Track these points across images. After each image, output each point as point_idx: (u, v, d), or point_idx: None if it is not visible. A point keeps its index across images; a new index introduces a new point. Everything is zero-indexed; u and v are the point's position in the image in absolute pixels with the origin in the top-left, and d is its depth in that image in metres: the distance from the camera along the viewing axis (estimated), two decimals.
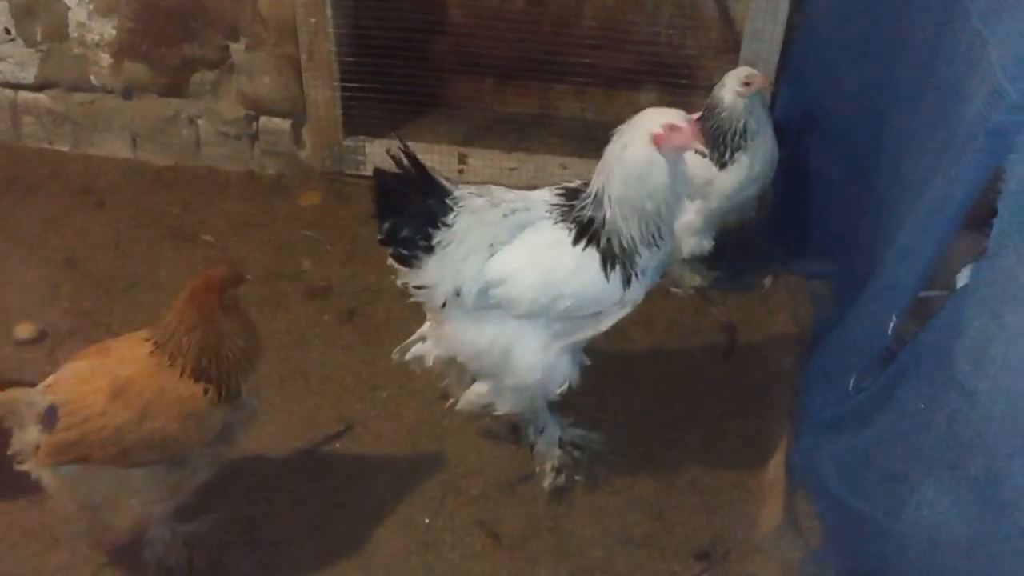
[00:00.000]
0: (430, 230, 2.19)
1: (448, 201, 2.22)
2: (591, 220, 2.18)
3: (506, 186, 2.37)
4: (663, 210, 2.15)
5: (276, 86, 3.50)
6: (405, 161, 2.21)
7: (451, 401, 2.58)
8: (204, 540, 2.35)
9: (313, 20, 3.31)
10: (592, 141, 3.40)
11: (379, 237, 2.23)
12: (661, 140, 2.10)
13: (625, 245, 2.16)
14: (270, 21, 3.36)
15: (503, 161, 3.51)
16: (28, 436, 2.04)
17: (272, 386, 2.73)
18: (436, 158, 3.42)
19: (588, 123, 3.66)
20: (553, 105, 3.74)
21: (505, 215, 2.23)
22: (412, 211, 2.20)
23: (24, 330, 2.88)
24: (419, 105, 3.60)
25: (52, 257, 3.22)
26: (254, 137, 3.61)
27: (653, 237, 2.16)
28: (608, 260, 2.17)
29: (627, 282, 2.18)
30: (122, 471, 2.07)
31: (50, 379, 2.10)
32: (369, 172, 3.56)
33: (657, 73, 3.47)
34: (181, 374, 2.06)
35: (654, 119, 2.12)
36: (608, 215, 2.16)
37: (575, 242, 2.18)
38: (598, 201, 2.18)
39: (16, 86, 3.59)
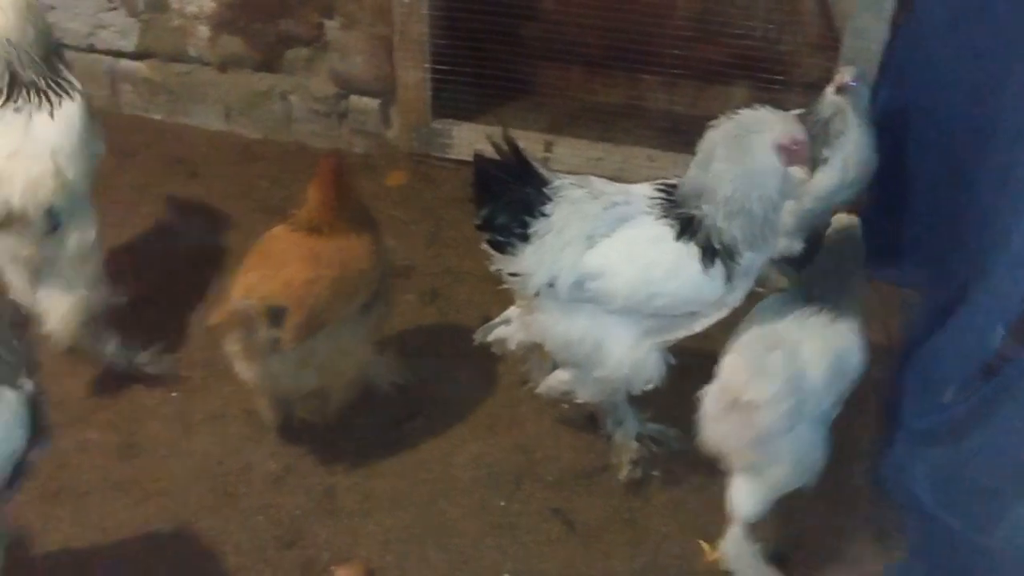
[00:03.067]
0: (527, 219, 2.20)
1: (547, 191, 2.22)
2: (693, 217, 2.17)
3: (592, 176, 2.37)
4: (770, 213, 2.12)
5: (368, 65, 3.53)
6: (506, 148, 2.22)
7: (530, 385, 2.60)
8: None
9: (407, 1, 3.33)
10: (680, 135, 3.39)
11: (476, 222, 2.25)
12: (785, 152, 2.09)
13: (728, 244, 2.14)
14: (366, 1, 3.39)
15: (589, 151, 3.49)
16: (260, 336, 2.23)
17: None
18: (522, 144, 3.39)
19: (677, 116, 3.62)
20: (641, 96, 3.70)
21: (605, 208, 2.22)
22: (510, 199, 2.21)
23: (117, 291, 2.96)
24: (507, 90, 3.60)
25: (144, 223, 3.31)
26: (343, 115, 3.65)
27: (757, 238, 2.14)
28: (709, 258, 2.15)
29: (728, 280, 2.16)
30: (338, 331, 2.34)
31: (241, 293, 2.27)
32: (456, 155, 3.63)
33: (750, 68, 3.42)
34: (341, 233, 2.38)
35: (779, 128, 2.10)
36: (711, 213, 2.14)
37: (677, 238, 2.16)
38: (701, 198, 2.16)
39: (117, 54, 3.68)
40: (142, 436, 2.60)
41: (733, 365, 2.13)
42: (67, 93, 2.47)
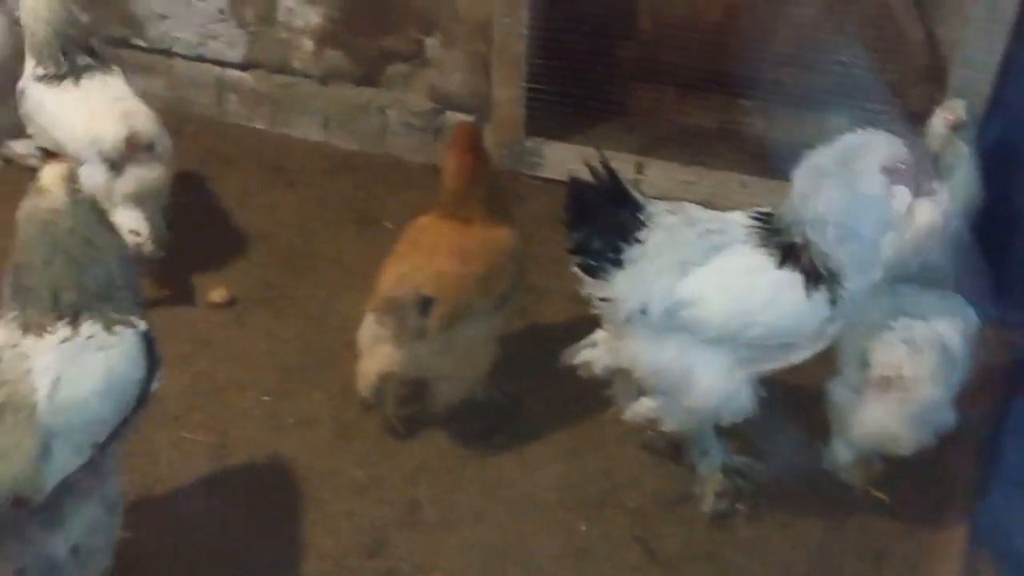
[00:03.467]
0: (621, 244, 2.20)
1: (641, 216, 2.22)
2: (795, 244, 2.14)
3: (683, 200, 2.36)
4: (879, 237, 2.09)
5: (464, 82, 3.58)
6: (602, 172, 2.23)
7: (615, 409, 2.59)
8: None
9: (507, 20, 3.37)
10: (775, 162, 3.34)
11: (568, 246, 2.26)
12: (892, 174, 2.05)
13: (834, 270, 2.11)
14: (466, 19, 3.45)
15: (681, 174, 3.47)
16: (410, 323, 2.37)
17: None
18: (613, 165, 3.42)
19: (772, 143, 3.57)
20: (736, 121, 3.66)
21: (699, 235, 2.21)
22: (604, 223, 2.22)
23: (217, 294, 3.07)
24: (600, 110, 3.61)
25: (245, 228, 3.41)
26: (438, 130, 3.71)
27: (865, 263, 2.11)
28: (813, 285, 2.12)
29: (832, 306, 2.12)
30: (477, 322, 2.46)
31: (393, 281, 2.42)
32: (546, 174, 3.65)
33: (852, 97, 3.35)
34: (483, 224, 2.51)
35: (886, 150, 2.07)
36: (817, 238, 2.11)
37: (778, 266, 2.14)
38: (805, 223, 2.13)
39: (224, 64, 3.82)
40: (234, 437, 2.67)
41: (885, 345, 2.25)
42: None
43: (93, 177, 2.77)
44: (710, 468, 2.47)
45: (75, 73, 2.96)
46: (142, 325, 1.99)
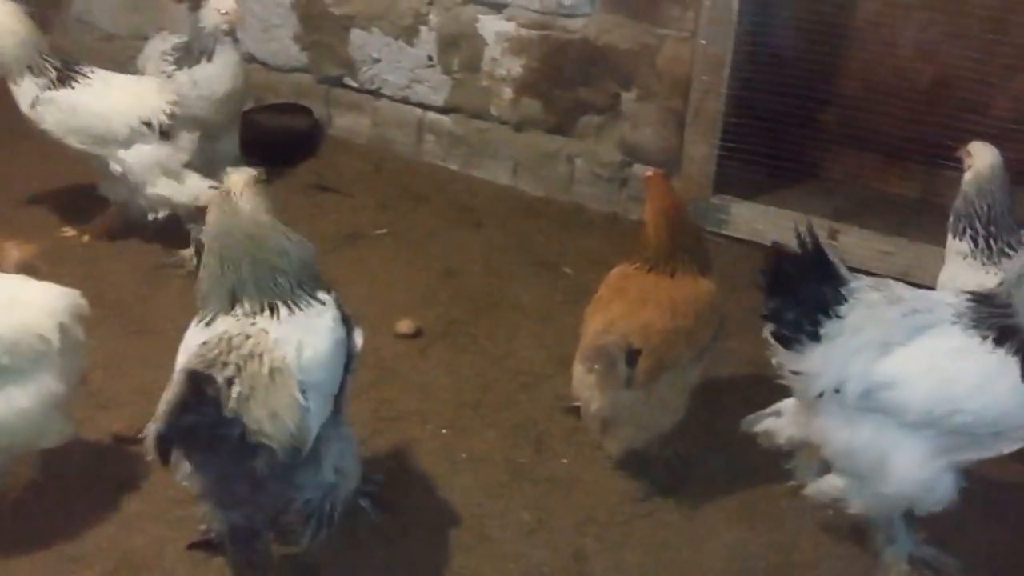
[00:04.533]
0: (820, 317, 2.14)
1: (843, 291, 2.16)
2: (1012, 326, 2.02)
3: (878, 272, 2.28)
4: None
5: (656, 137, 3.62)
6: (807, 242, 2.18)
7: (795, 483, 2.50)
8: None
9: (707, 79, 3.39)
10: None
11: (764, 314, 2.22)
12: None
13: None
14: (665, 76, 3.49)
15: (878, 243, 3.35)
16: (618, 372, 2.41)
17: None
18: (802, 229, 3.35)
19: None
20: (940, 192, 3.50)
21: (904, 314, 2.12)
22: (804, 294, 2.16)
23: (404, 325, 3.20)
24: (794, 173, 3.55)
25: (433, 265, 3.56)
26: (624, 182, 3.76)
27: None
28: None
29: None
30: (677, 374, 2.50)
31: (601, 326, 2.47)
32: (731, 232, 3.61)
33: None
34: (687, 274, 2.55)
35: None
36: None
37: (992, 349, 2.03)
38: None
39: (426, 107, 4.02)
40: (410, 465, 2.76)
41: None
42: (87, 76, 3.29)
43: (148, 153, 3.22)
44: (896, 557, 2.34)
45: (69, 77, 3.24)
46: (331, 295, 2.23)
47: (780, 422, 2.44)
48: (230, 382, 1.88)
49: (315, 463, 2.09)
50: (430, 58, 3.88)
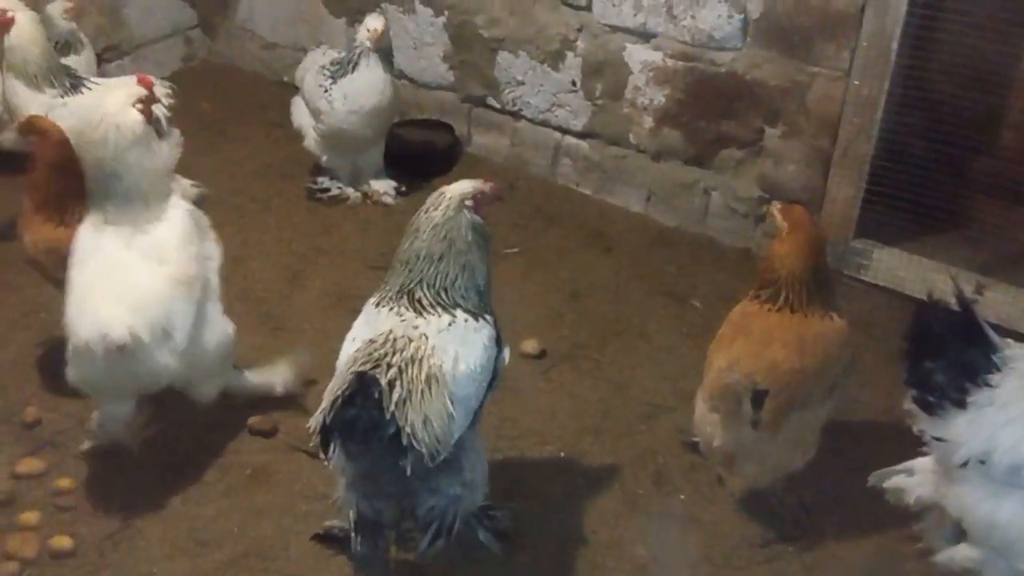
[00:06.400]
0: (967, 384, 2.06)
1: (995, 358, 2.07)
2: None
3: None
4: None
5: (798, 175, 3.54)
6: (957, 304, 2.11)
7: (921, 546, 2.40)
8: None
9: (857, 120, 3.30)
10: None
11: (905, 376, 2.15)
12: None
13: None
14: (813, 114, 3.42)
15: None
16: (743, 412, 2.39)
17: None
18: (948, 283, 3.21)
19: None
20: None
21: None
22: (952, 359, 2.09)
23: (530, 345, 3.24)
24: (940, 220, 3.41)
25: (561, 287, 3.58)
26: (760, 218, 3.69)
27: None
28: None
29: None
30: (805, 414, 2.43)
31: (725, 364, 2.42)
32: (870, 278, 3.50)
33: None
34: (815, 312, 2.45)
35: None
36: None
37: None
38: None
39: (564, 131, 4.06)
40: (526, 486, 2.77)
41: None
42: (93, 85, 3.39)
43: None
44: None
45: (80, 85, 3.33)
46: (491, 317, 2.33)
47: (912, 481, 2.35)
48: (391, 385, 2.00)
49: (452, 470, 2.19)
50: (573, 83, 3.92)
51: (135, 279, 2.50)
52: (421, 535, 2.27)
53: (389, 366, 2.05)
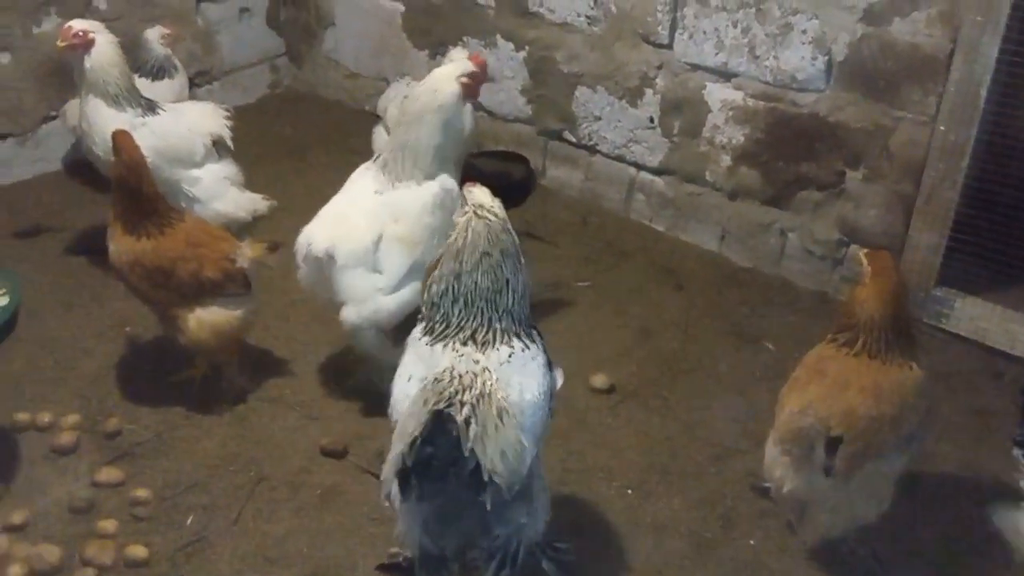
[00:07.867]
0: None
1: None
2: None
3: None
4: None
5: (879, 220, 3.49)
6: None
7: None
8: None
9: (942, 166, 3.24)
10: None
11: (1015, 438, 2.10)
12: None
13: None
14: (897, 158, 3.37)
15: None
16: (816, 458, 2.36)
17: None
18: None
19: None
20: None
21: None
22: None
23: (599, 380, 3.23)
24: None
25: (631, 322, 3.57)
26: (838, 261, 3.64)
27: None
28: None
29: None
30: (880, 462, 2.38)
31: (798, 406, 2.39)
32: (951, 328, 3.41)
33: None
34: (893, 359, 2.41)
35: None
36: None
37: None
38: None
39: (640, 166, 4.07)
40: (591, 521, 2.76)
41: None
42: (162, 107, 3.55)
43: (215, 172, 3.50)
44: None
45: (154, 106, 3.48)
46: (535, 333, 2.32)
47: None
48: (467, 422, 1.99)
49: (523, 499, 2.18)
50: (651, 120, 3.94)
51: (358, 220, 2.90)
52: (486, 566, 2.27)
53: (462, 403, 2.03)
